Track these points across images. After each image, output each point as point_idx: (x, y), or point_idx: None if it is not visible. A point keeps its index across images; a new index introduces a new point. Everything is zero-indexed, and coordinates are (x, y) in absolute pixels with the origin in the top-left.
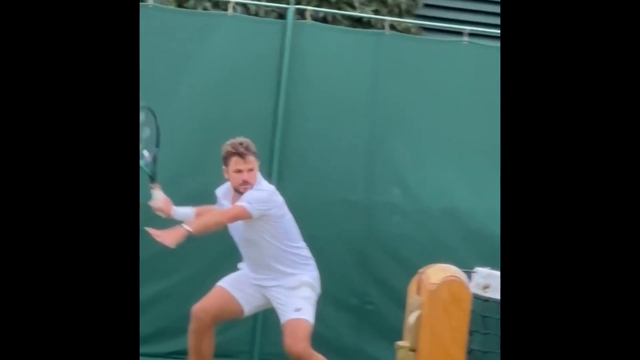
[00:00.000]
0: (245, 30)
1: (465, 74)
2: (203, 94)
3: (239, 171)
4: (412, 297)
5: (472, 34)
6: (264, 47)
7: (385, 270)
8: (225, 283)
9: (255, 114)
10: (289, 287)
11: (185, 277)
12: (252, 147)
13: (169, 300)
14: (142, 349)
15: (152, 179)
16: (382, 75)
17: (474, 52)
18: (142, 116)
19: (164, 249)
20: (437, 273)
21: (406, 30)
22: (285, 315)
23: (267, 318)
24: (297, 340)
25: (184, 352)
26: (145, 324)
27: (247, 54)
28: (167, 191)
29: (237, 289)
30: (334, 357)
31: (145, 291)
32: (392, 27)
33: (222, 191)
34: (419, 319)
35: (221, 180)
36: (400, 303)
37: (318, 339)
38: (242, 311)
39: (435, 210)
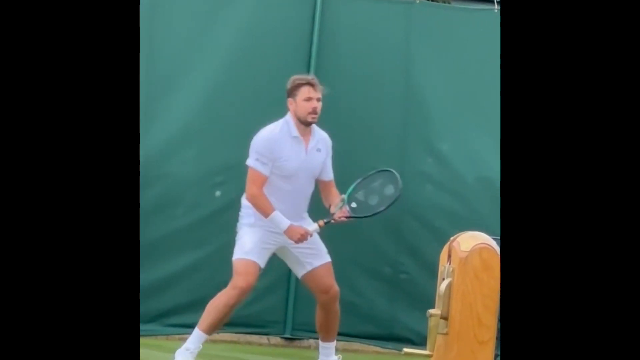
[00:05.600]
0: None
1: (496, 42)
2: (233, 65)
3: (309, 99)
4: (443, 265)
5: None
6: (294, 17)
7: (419, 239)
8: (253, 256)
9: (285, 84)
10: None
11: (218, 249)
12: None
13: (203, 272)
14: (177, 320)
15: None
16: (413, 44)
17: None
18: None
19: (195, 221)
20: (468, 240)
21: None
22: (321, 258)
23: (299, 289)
24: (334, 281)
25: None
26: (179, 295)
27: (277, 24)
28: (200, 163)
29: (260, 256)
30: (368, 326)
31: (179, 263)
32: None
33: (276, 141)
34: (450, 286)
35: None
36: (433, 272)
37: (352, 308)
38: (260, 270)
39: (468, 179)
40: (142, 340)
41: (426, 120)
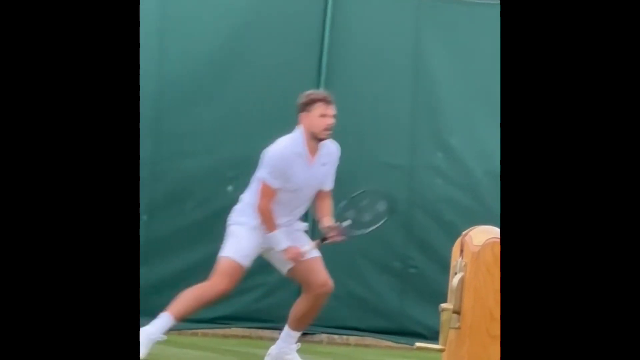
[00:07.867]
0: None
1: None
2: (244, 59)
3: (324, 116)
4: (456, 260)
5: None
6: (305, 12)
7: (429, 234)
8: (246, 261)
9: (297, 77)
10: (301, 228)
11: None
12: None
13: (214, 267)
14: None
15: (324, 240)
16: (424, 39)
17: None
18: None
19: (206, 215)
20: (480, 235)
21: None
22: (312, 252)
23: None
24: (327, 276)
25: (228, 317)
26: None
27: (289, 19)
28: (212, 158)
29: (251, 261)
30: (378, 320)
31: (191, 257)
32: None
33: (287, 158)
34: (462, 281)
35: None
36: (443, 266)
37: (361, 302)
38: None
39: (478, 173)
40: None
41: (436, 114)
